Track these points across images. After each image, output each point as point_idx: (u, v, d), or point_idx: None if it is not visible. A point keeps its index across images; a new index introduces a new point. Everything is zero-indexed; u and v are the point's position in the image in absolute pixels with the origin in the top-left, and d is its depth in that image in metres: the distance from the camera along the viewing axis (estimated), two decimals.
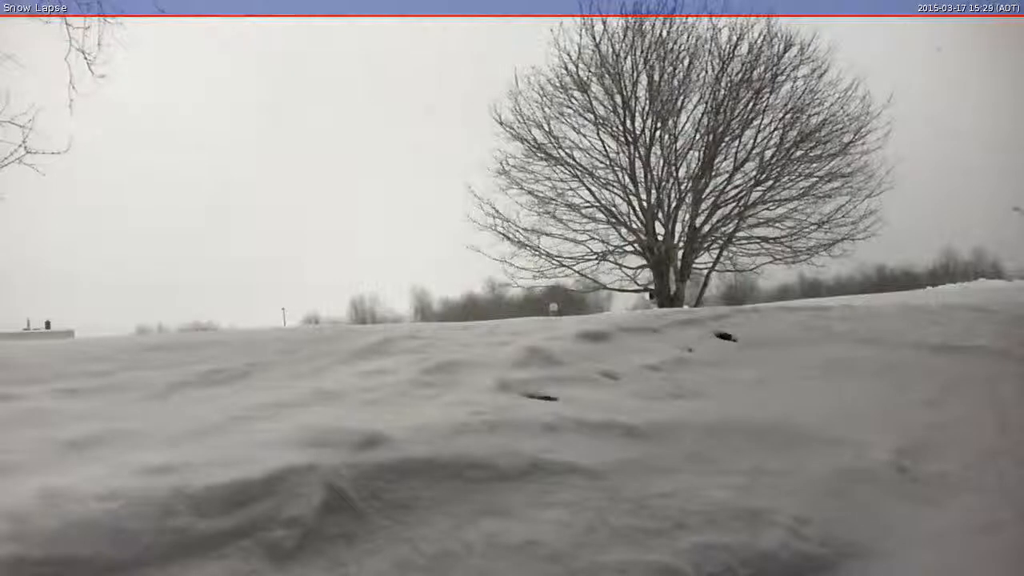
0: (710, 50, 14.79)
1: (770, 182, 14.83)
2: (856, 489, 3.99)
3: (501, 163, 15.56)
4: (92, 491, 2.64)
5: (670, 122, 14.82)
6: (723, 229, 15.09)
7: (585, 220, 15.51)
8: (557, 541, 3.07)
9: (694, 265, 15.29)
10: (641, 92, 14.84)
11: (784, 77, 14.65)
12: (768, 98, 14.67)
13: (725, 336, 6.88)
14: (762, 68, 14.57)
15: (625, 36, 14.72)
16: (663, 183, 14.96)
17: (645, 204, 14.93)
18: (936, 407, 5.31)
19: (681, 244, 14.91)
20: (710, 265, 15.66)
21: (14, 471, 2.92)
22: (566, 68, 14.99)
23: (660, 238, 14.89)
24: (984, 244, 60.30)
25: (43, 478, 2.78)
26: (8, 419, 3.65)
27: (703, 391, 5.20)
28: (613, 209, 15.29)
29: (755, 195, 14.92)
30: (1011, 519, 3.79)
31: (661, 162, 14.97)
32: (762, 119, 14.78)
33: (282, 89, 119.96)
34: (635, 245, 15.30)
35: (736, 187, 15.02)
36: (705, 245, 15.21)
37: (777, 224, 15.16)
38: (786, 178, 14.85)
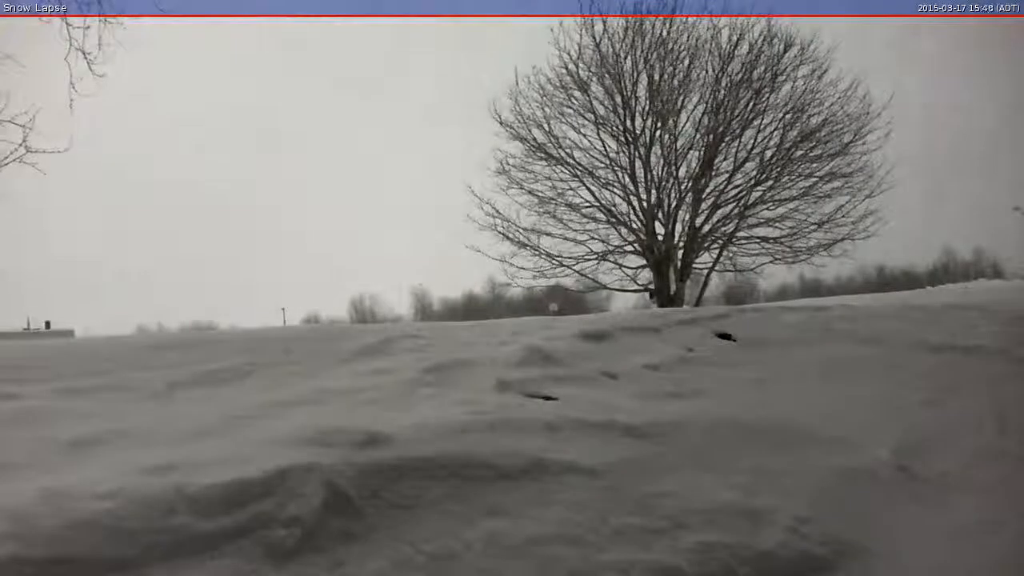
0: (710, 50, 14.77)
1: (770, 182, 14.80)
2: (856, 489, 3.99)
3: (501, 163, 15.54)
4: (92, 491, 2.64)
5: (670, 122, 14.79)
6: (723, 229, 15.06)
7: (585, 220, 15.47)
8: (557, 540, 3.07)
9: (694, 265, 15.25)
10: (641, 92, 14.81)
11: (784, 77, 14.62)
12: (768, 98, 14.64)
13: (725, 336, 6.88)
14: (762, 68, 14.54)
15: (625, 36, 14.69)
16: (663, 183, 14.94)
17: (645, 204, 14.90)
18: (936, 407, 5.31)
19: (681, 244, 14.89)
20: (710, 265, 15.62)
21: (14, 471, 2.93)
22: (566, 68, 14.96)
23: (660, 238, 14.87)
24: (984, 244, 60.32)
25: (43, 478, 2.78)
26: (8, 419, 3.65)
27: (703, 391, 5.20)
28: (613, 209, 15.26)
29: (755, 195, 14.89)
30: (1011, 519, 3.79)
31: (661, 162, 14.94)
32: (762, 119, 14.75)
33: (282, 88, 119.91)
34: (635, 245, 15.27)
35: (736, 187, 14.99)
36: (705, 245, 15.18)
37: (777, 224, 15.13)
38: (786, 178, 14.82)
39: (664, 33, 14.65)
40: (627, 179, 15.06)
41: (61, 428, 3.50)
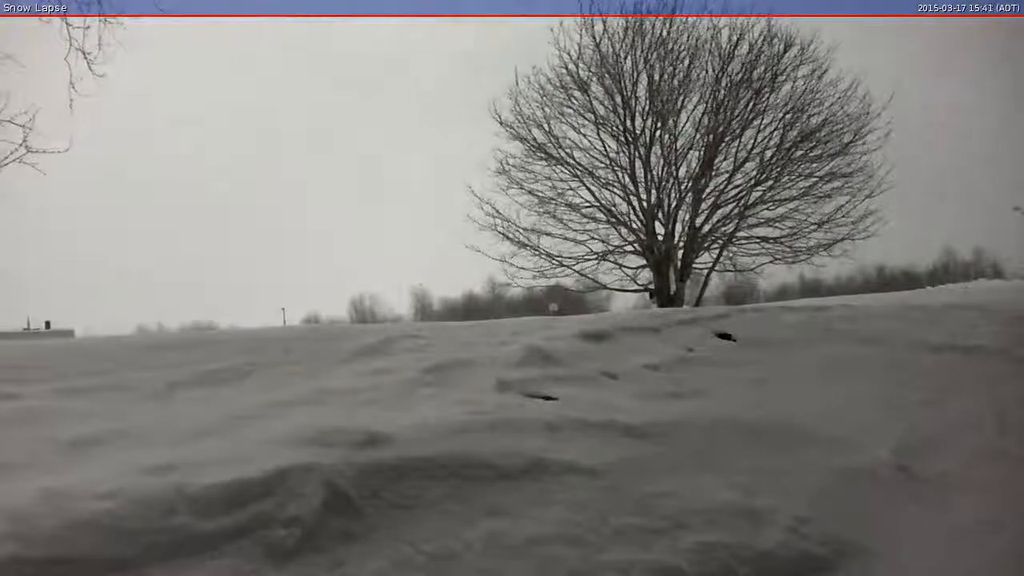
0: (710, 50, 14.77)
1: (770, 182, 14.80)
2: (856, 489, 3.99)
3: (501, 163, 15.53)
4: (92, 491, 2.64)
5: (670, 122, 14.80)
6: (723, 229, 15.06)
7: (585, 220, 15.47)
8: (557, 540, 3.07)
9: (694, 265, 15.25)
10: (641, 92, 14.81)
11: (784, 77, 14.62)
12: (768, 98, 14.64)
13: (725, 336, 6.88)
14: (762, 68, 14.54)
15: (625, 36, 14.70)
16: (663, 183, 14.94)
17: (645, 204, 14.91)
18: (936, 407, 5.31)
19: (681, 244, 14.89)
20: (710, 265, 15.63)
21: (14, 471, 2.92)
22: (566, 68, 14.97)
23: (660, 238, 14.87)
24: (984, 244, 60.39)
25: (43, 478, 2.78)
26: (8, 419, 3.65)
27: (703, 391, 5.20)
28: (613, 209, 15.26)
29: (755, 195, 14.89)
30: (1011, 519, 3.79)
31: (661, 162, 14.95)
32: (762, 119, 14.75)
33: (282, 88, 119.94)
34: (635, 245, 15.27)
35: (736, 187, 14.99)
36: (705, 245, 15.18)
37: (777, 224, 15.13)
38: (786, 178, 14.83)
39: (664, 33, 14.66)
40: (627, 179, 15.06)
41: (61, 428, 3.50)
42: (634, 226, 15.11)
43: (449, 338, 6.33)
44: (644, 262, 15.33)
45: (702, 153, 14.81)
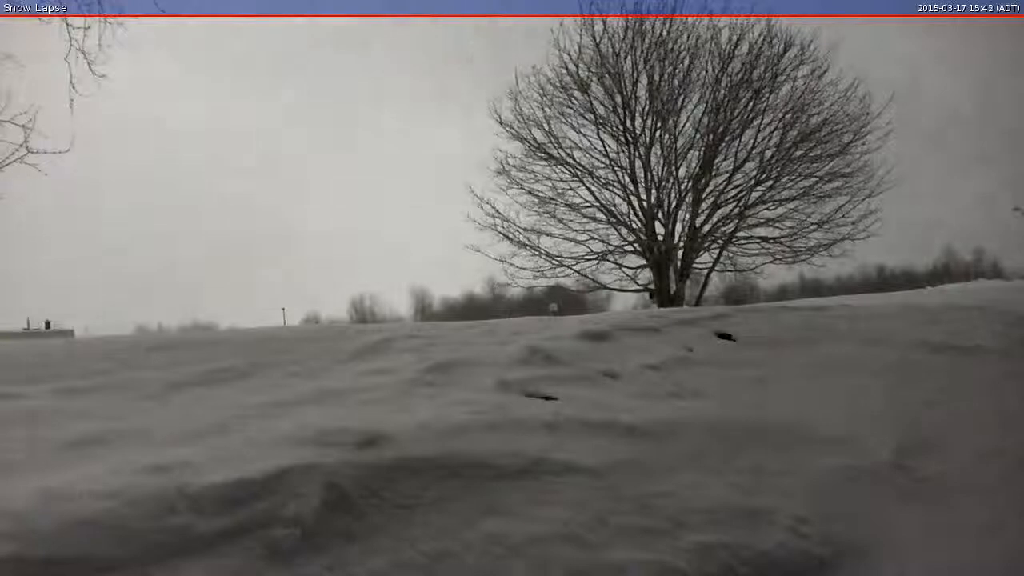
0: (710, 50, 14.79)
1: (770, 182, 14.81)
2: (856, 489, 3.99)
3: (501, 163, 15.55)
4: (92, 490, 2.64)
5: (670, 122, 14.81)
6: (723, 229, 15.07)
7: (585, 220, 15.48)
8: (557, 540, 3.07)
9: (694, 265, 15.25)
10: (641, 92, 14.83)
11: (784, 77, 14.63)
12: (768, 98, 14.65)
13: (725, 336, 6.87)
14: (762, 68, 14.55)
15: (625, 36, 14.71)
16: (663, 183, 14.96)
17: (645, 204, 14.92)
18: (936, 407, 5.31)
19: (681, 244, 14.90)
20: (710, 265, 15.63)
21: (14, 471, 2.93)
22: (566, 68, 14.98)
23: (660, 238, 14.88)
24: (984, 244, 60.45)
25: (43, 478, 2.78)
26: (8, 419, 3.65)
27: (703, 391, 5.20)
28: (613, 209, 15.27)
29: (755, 195, 14.89)
30: (1011, 519, 3.79)
31: (661, 162, 14.96)
32: (762, 119, 14.75)
33: (282, 88, 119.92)
34: (635, 245, 15.28)
35: (736, 187, 15.00)
36: (705, 245, 15.18)
37: (777, 224, 15.14)
38: (786, 178, 14.83)
39: (664, 33, 14.67)
40: (627, 179, 15.07)
41: (61, 428, 3.50)
42: (634, 226, 15.12)
43: (449, 337, 6.33)
44: (644, 262, 15.34)
45: (702, 153, 14.83)
